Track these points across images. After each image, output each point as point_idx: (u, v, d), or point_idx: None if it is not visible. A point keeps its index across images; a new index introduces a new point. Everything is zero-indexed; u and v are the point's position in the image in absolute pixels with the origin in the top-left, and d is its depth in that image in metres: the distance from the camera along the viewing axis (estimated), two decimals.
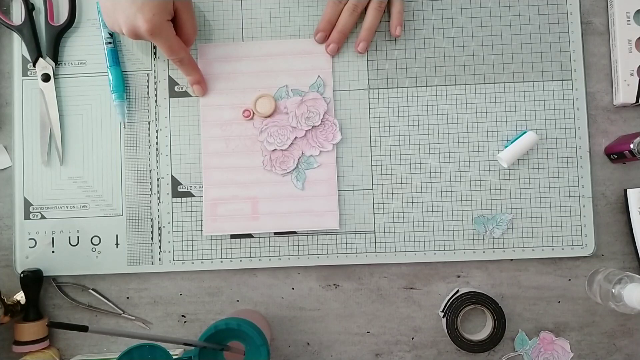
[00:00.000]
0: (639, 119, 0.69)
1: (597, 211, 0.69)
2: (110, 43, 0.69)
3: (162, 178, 0.69)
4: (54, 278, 0.69)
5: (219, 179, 0.69)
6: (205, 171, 0.69)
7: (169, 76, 0.70)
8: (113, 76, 0.69)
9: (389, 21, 0.69)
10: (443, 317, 0.67)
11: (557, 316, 0.69)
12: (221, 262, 0.69)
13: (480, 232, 0.68)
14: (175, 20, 0.64)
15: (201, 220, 0.69)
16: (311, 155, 0.68)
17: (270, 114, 0.68)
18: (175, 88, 0.70)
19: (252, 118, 0.68)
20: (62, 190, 0.69)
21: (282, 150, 0.68)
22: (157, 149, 0.70)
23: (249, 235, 0.69)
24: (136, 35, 0.62)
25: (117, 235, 0.69)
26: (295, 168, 0.68)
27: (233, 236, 0.69)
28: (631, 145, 0.64)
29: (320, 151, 0.68)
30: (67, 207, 0.69)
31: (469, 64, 0.69)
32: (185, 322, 0.70)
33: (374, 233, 0.69)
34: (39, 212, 0.69)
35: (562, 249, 0.68)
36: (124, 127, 0.70)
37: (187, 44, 0.66)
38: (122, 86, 0.69)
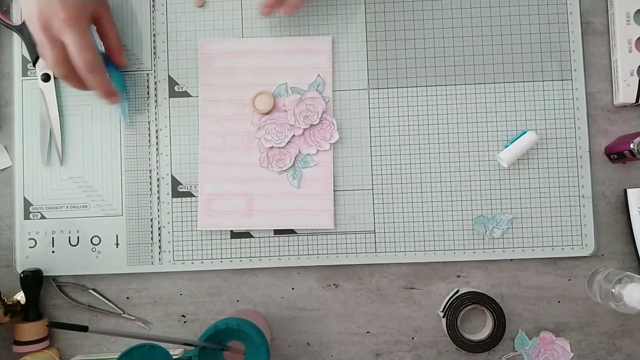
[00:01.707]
0: (639, 119, 0.69)
1: (597, 211, 0.69)
2: None
3: (162, 178, 0.69)
4: (54, 278, 0.69)
5: (215, 175, 0.69)
6: (201, 166, 0.69)
7: (169, 76, 0.70)
8: (113, 76, 0.69)
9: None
10: (443, 317, 0.67)
11: (557, 316, 0.69)
12: (221, 262, 0.69)
13: (480, 232, 0.68)
14: (98, 29, 0.65)
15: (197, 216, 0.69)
16: (308, 154, 0.68)
17: (268, 111, 0.68)
18: (175, 88, 0.70)
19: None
20: (62, 190, 0.69)
21: (279, 147, 0.68)
22: (157, 149, 0.70)
23: (249, 235, 0.69)
24: (46, 27, 0.58)
25: (117, 235, 0.69)
26: (292, 166, 0.68)
27: (233, 236, 0.69)
28: (631, 145, 0.64)
29: (318, 150, 0.68)
30: (67, 207, 0.69)
31: (469, 64, 0.69)
32: (185, 322, 0.70)
33: (374, 233, 0.68)
34: (39, 212, 0.69)
35: (562, 249, 0.68)
36: (124, 127, 0.70)
37: (113, 56, 0.66)
38: (122, 86, 0.69)
